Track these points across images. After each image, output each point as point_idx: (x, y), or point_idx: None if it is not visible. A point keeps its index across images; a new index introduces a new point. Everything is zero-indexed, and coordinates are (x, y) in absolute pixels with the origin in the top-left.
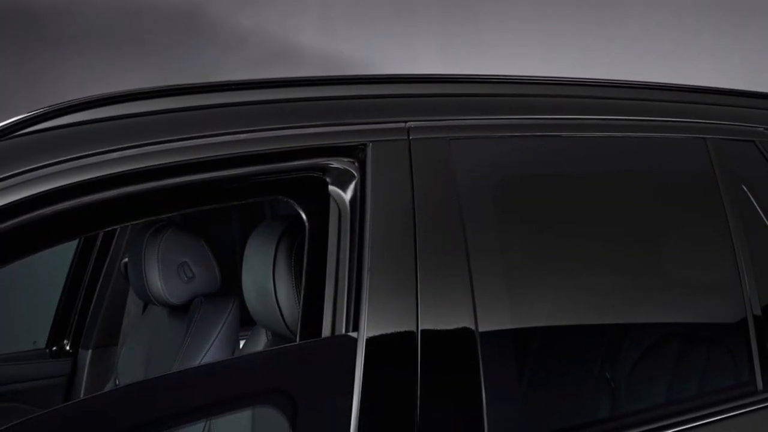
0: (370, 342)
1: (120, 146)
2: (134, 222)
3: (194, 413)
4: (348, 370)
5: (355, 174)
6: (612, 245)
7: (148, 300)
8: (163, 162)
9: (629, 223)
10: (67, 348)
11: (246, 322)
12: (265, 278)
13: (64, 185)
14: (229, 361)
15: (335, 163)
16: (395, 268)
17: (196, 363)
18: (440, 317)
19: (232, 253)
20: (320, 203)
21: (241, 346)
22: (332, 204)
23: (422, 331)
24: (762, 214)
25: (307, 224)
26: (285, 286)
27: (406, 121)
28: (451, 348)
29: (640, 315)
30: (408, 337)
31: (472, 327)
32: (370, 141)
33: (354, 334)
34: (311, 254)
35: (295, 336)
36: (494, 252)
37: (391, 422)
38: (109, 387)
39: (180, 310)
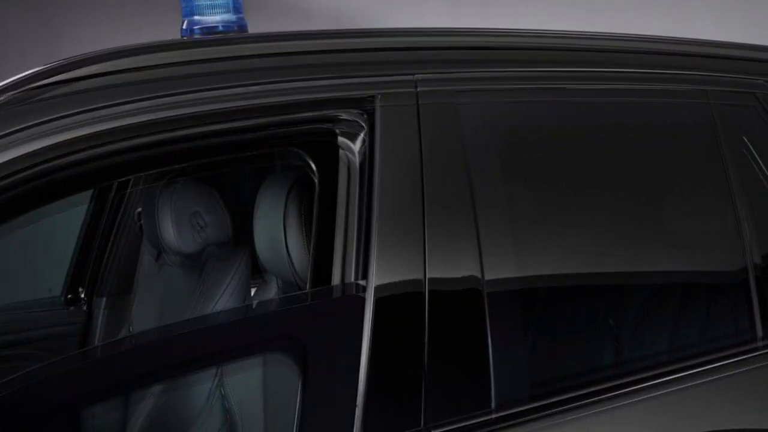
0: (379, 290)
1: (133, 98)
2: (148, 172)
3: (206, 360)
4: (357, 319)
5: (364, 125)
6: (615, 197)
7: (161, 249)
8: (176, 113)
9: (632, 175)
10: (82, 296)
11: (257, 271)
12: (276, 228)
13: (79, 136)
14: (240, 309)
15: (344, 115)
16: (403, 218)
17: (208, 311)
18: (447, 266)
19: (244, 204)
20: (329, 154)
21: (252, 294)
22: (341, 155)
23: (429, 279)
24: (762, 165)
25: (316, 175)
26: (295, 236)
27: (414, 74)
28: (458, 297)
29: (643, 267)
30: (415, 285)
31: (479, 276)
32: (379, 93)
33: (363, 283)
34: (321, 204)
35: (305, 285)
36: (500, 203)
37: (400, 368)
38: (123, 334)
39: (192, 259)
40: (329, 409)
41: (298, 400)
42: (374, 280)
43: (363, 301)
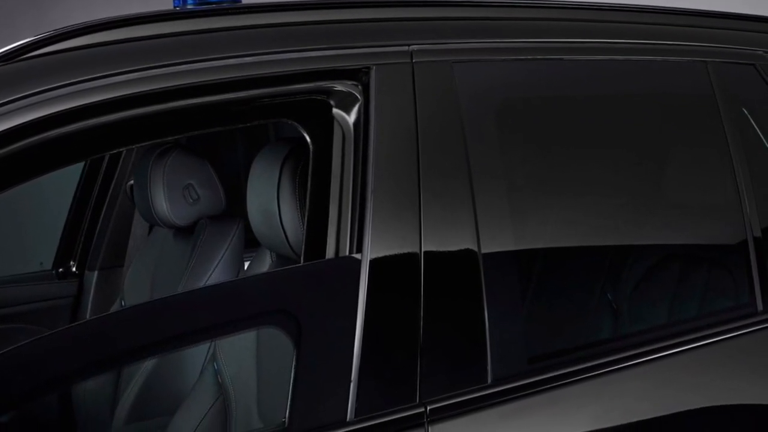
0: (374, 263)
1: (126, 69)
2: (140, 144)
3: (199, 334)
4: (352, 291)
5: (359, 97)
6: (614, 168)
7: (153, 222)
8: (169, 85)
9: (631, 146)
10: (74, 269)
11: (251, 243)
12: (270, 200)
13: (71, 108)
14: (234, 283)
15: (339, 86)
16: (399, 190)
17: (201, 284)
18: (443, 239)
19: (237, 176)
20: (324, 126)
21: (245, 267)
22: (336, 126)
23: (425, 252)
24: (762, 137)
25: (311, 147)
26: (289, 208)
27: (409, 45)
28: (454, 269)
29: (641, 237)
30: (411, 258)
31: (475, 248)
32: (374, 64)
33: (358, 256)
34: (315, 176)
35: (300, 257)
36: (497, 174)
37: (395, 343)
38: (114, 308)
39: (185, 232)
40: (323, 384)
41: (292, 375)
42: (369, 253)
43: (358, 274)
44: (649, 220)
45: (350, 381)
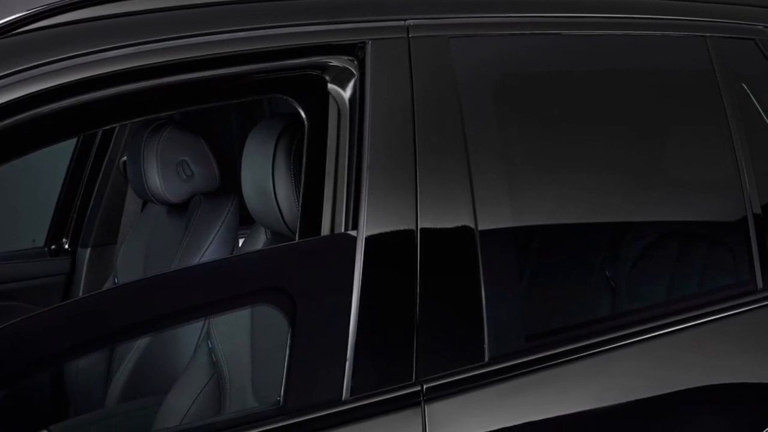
0: (370, 240)
1: (118, 44)
2: (133, 120)
3: (193, 312)
4: (347, 268)
5: (355, 72)
6: (612, 144)
7: (146, 198)
8: (162, 60)
9: (630, 121)
10: (66, 246)
11: (245, 220)
12: (265, 176)
13: (63, 83)
14: (229, 260)
15: (334, 61)
16: (395, 167)
17: (195, 261)
18: (440, 216)
19: (232, 152)
20: (319, 101)
21: (240, 244)
22: (331, 102)
23: (421, 229)
24: (762, 113)
25: (306, 122)
26: (284, 185)
27: (405, 19)
28: (451, 246)
29: (640, 214)
30: (407, 235)
31: (472, 225)
32: (370, 39)
33: (353, 233)
34: (310, 152)
35: (295, 234)
36: (494, 150)
37: (391, 320)
38: (108, 285)
39: (179, 209)
40: (318, 362)
41: (287, 354)
42: (365, 230)
43: (353, 251)
44: (648, 197)
45: (346, 359)
